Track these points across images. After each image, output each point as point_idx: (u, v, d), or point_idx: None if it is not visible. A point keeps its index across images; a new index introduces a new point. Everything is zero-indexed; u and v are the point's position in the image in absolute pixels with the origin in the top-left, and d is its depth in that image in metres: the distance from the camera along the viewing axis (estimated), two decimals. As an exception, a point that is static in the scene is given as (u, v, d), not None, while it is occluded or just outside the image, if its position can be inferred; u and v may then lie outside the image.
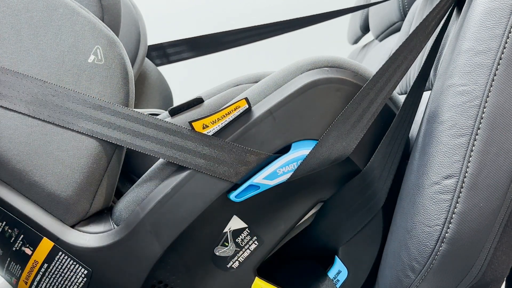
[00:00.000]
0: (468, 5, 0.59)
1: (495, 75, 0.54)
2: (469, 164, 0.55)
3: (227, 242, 0.59)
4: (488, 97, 0.54)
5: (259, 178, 0.56)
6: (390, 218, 0.64)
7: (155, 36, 1.30)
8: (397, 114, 0.60)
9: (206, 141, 0.55)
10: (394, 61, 0.59)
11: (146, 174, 0.58)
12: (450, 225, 0.55)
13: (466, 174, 0.54)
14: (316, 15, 1.11)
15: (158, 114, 0.71)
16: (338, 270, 0.64)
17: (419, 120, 0.63)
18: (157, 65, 1.26)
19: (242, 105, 0.56)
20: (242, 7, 2.14)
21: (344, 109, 0.57)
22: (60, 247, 0.56)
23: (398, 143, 0.61)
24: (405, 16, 1.22)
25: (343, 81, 0.59)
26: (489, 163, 0.54)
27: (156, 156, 0.55)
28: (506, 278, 0.79)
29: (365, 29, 1.53)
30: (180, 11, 2.15)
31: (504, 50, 0.54)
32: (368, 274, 0.65)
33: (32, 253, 0.56)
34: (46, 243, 0.56)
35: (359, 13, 1.53)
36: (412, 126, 0.65)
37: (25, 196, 0.56)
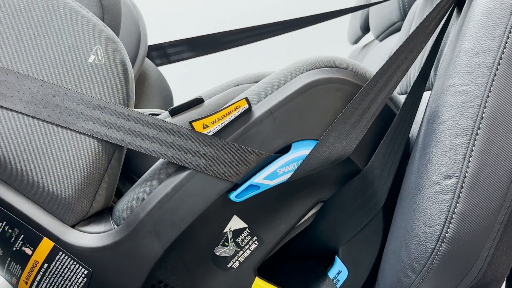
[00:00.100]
0: (468, 5, 0.59)
1: (495, 75, 0.54)
2: (469, 164, 0.54)
3: (227, 242, 0.59)
4: (488, 97, 0.54)
5: (259, 178, 0.56)
6: (390, 218, 0.64)
7: (155, 36, 1.30)
8: (397, 114, 0.60)
9: (206, 141, 0.55)
10: (394, 61, 0.59)
11: (146, 174, 0.58)
12: (450, 225, 0.55)
13: (467, 174, 0.54)
14: (316, 15, 1.11)
15: (158, 114, 0.71)
16: (338, 270, 0.64)
17: (419, 120, 0.63)
18: (158, 65, 1.26)
19: (242, 105, 0.56)
20: (242, 7, 2.14)
21: (344, 109, 0.57)
22: (61, 247, 0.56)
23: (399, 143, 0.61)
24: (405, 16, 1.22)
25: (343, 81, 0.59)
26: (490, 163, 0.54)
27: (157, 156, 0.55)
28: (507, 278, 0.79)
29: (365, 29, 1.53)
30: (180, 11, 2.15)
31: (505, 50, 0.54)
32: (368, 274, 0.65)
33: (33, 253, 0.56)
34: (47, 243, 0.56)
35: (359, 13, 1.53)
36: (413, 126, 0.65)
37: (25, 196, 0.56)
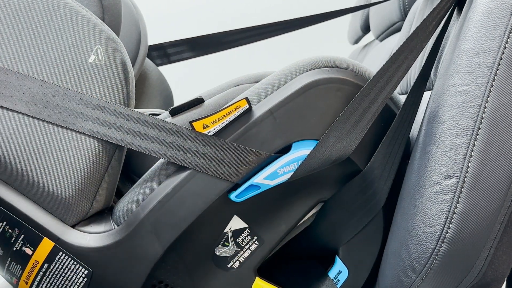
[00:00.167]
0: (468, 5, 0.59)
1: (495, 75, 0.54)
2: (469, 164, 0.54)
3: (228, 242, 0.59)
4: (488, 97, 0.54)
5: (259, 178, 0.56)
6: (390, 218, 0.64)
7: (155, 36, 1.30)
8: (397, 114, 0.60)
9: (206, 141, 0.55)
10: (394, 61, 0.59)
11: (146, 174, 0.58)
12: (450, 225, 0.55)
13: (467, 174, 0.54)
14: (317, 15, 1.11)
15: (158, 114, 0.71)
16: (339, 270, 0.64)
17: (420, 120, 0.63)
18: (158, 65, 1.26)
19: (242, 105, 0.56)
20: (242, 7, 2.14)
21: (344, 109, 0.57)
22: (61, 247, 0.56)
23: (399, 143, 0.61)
24: (406, 16, 1.22)
25: (344, 81, 0.59)
26: (490, 163, 0.54)
27: (157, 156, 0.55)
28: (507, 278, 0.79)
29: (366, 29, 1.53)
30: (180, 11, 2.15)
31: (505, 50, 0.54)
32: (369, 274, 0.65)
33: (33, 253, 0.56)
34: (47, 243, 0.56)
35: (359, 13, 1.53)
36: (413, 126, 0.65)
37: (26, 196, 0.56)
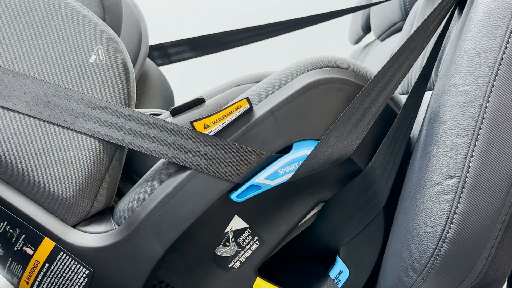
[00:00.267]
0: (469, 5, 0.59)
1: (496, 75, 0.54)
2: (470, 164, 0.54)
3: (229, 242, 0.59)
4: (489, 97, 0.54)
5: (260, 178, 0.56)
6: (391, 218, 0.64)
7: (156, 36, 1.30)
8: (398, 114, 0.60)
9: (207, 141, 0.55)
10: (395, 61, 0.59)
11: (147, 174, 0.58)
12: (451, 225, 0.55)
13: (468, 174, 0.54)
14: (318, 15, 1.11)
15: (159, 114, 0.71)
16: (340, 270, 0.64)
17: (421, 120, 0.63)
18: (159, 65, 1.26)
19: (243, 105, 0.56)
20: (243, 7, 2.14)
21: (345, 109, 0.57)
22: (62, 247, 0.56)
23: (400, 143, 0.61)
24: (407, 16, 1.22)
25: (345, 81, 0.59)
26: (491, 163, 0.54)
27: (158, 156, 0.55)
28: (508, 278, 0.79)
29: (367, 29, 1.53)
30: (181, 11, 2.15)
31: (506, 50, 0.54)
32: (370, 274, 0.65)
33: (34, 253, 0.56)
34: (48, 243, 0.56)
35: (360, 13, 1.53)
36: (414, 126, 0.65)
37: (27, 196, 0.56)
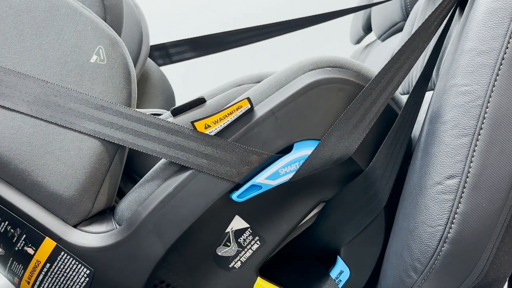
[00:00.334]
0: (470, 5, 0.59)
1: (497, 75, 0.54)
2: (471, 164, 0.54)
3: (229, 242, 0.59)
4: (490, 97, 0.54)
5: (261, 178, 0.56)
6: (392, 218, 0.64)
7: (157, 36, 1.30)
8: (399, 114, 0.60)
9: (208, 141, 0.55)
10: (396, 61, 0.59)
11: (148, 174, 0.58)
12: (452, 225, 0.55)
13: (469, 174, 0.54)
14: (318, 15, 1.11)
15: (160, 114, 0.71)
16: (340, 270, 0.64)
17: (422, 120, 0.63)
18: (160, 65, 1.26)
19: (244, 105, 0.56)
20: (244, 7, 2.14)
21: (346, 109, 0.57)
22: (63, 247, 0.56)
23: (401, 143, 0.61)
24: (408, 16, 1.22)
25: (346, 81, 0.59)
26: (492, 163, 0.54)
27: (158, 156, 0.55)
28: (509, 279, 0.79)
29: (368, 29, 1.53)
30: (182, 11, 2.15)
31: (507, 50, 0.54)
32: (370, 274, 0.65)
33: (35, 252, 0.56)
34: (49, 242, 0.56)
35: (361, 13, 1.52)
36: (415, 127, 0.65)
37: (28, 196, 0.56)
